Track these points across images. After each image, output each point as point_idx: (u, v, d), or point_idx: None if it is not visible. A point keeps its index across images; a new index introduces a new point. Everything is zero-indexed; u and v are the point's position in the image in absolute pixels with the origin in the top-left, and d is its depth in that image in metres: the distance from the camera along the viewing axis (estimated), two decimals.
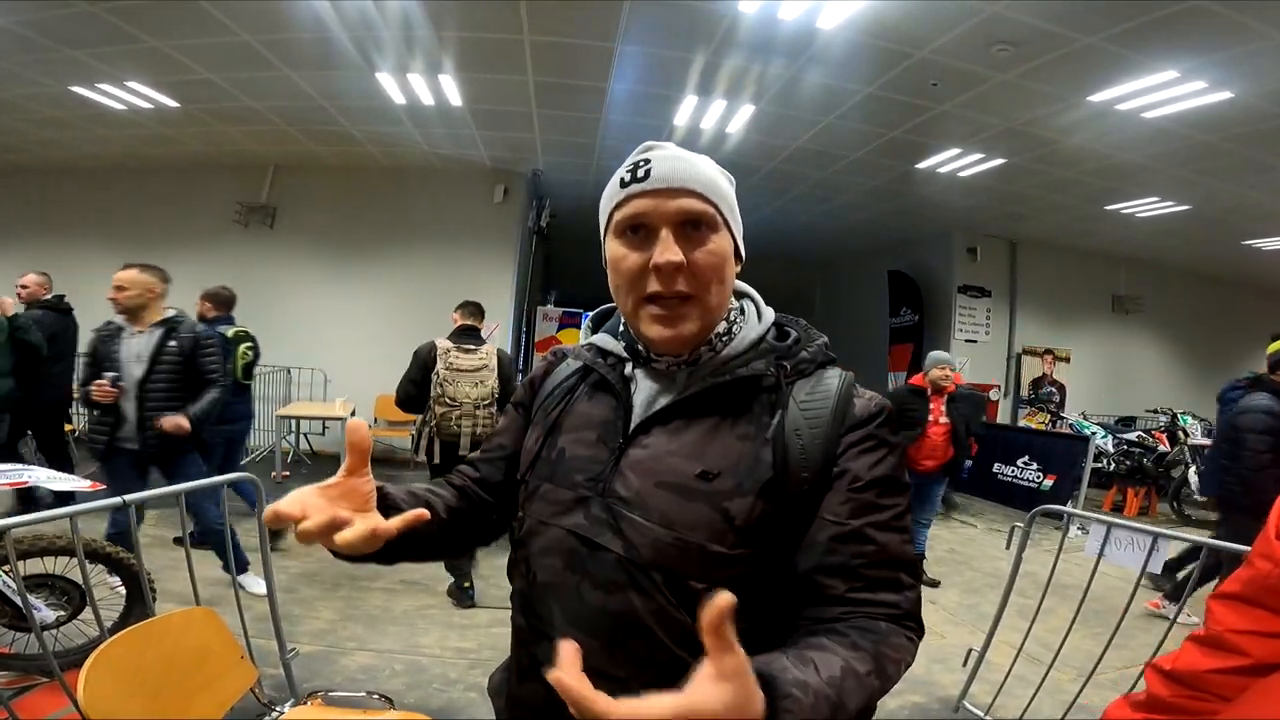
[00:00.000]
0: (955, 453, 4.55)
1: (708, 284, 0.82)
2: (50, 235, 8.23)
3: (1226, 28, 3.79)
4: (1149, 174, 6.34)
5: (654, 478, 0.81)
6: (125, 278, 3.32)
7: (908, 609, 0.78)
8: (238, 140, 7.14)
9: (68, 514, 1.82)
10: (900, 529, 0.80)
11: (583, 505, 0.84)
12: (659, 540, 0.79)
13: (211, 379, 3.43)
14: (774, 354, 0.87)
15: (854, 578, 0.77)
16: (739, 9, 4.06)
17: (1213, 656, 0.62)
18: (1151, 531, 2.56)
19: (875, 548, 0.78)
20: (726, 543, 0.77)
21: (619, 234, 0.85)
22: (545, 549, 0.87)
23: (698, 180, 0.82)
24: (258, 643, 2.54)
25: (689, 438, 0.83)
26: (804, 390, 0.84)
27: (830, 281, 13.13)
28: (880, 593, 0.77)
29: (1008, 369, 9.58)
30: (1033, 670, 2.87)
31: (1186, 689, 0.62)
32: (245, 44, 4.82)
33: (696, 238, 0.82)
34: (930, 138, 5.98)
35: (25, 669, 2.57)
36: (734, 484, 0.79)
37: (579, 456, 0.88)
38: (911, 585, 0.79)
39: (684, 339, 0.83)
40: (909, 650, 0.76)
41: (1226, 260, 9.56)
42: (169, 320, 3.39)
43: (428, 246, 8.02)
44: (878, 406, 0.84)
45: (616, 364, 0.93)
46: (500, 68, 5.14)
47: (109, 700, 1.42)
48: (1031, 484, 6.81)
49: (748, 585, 0.74)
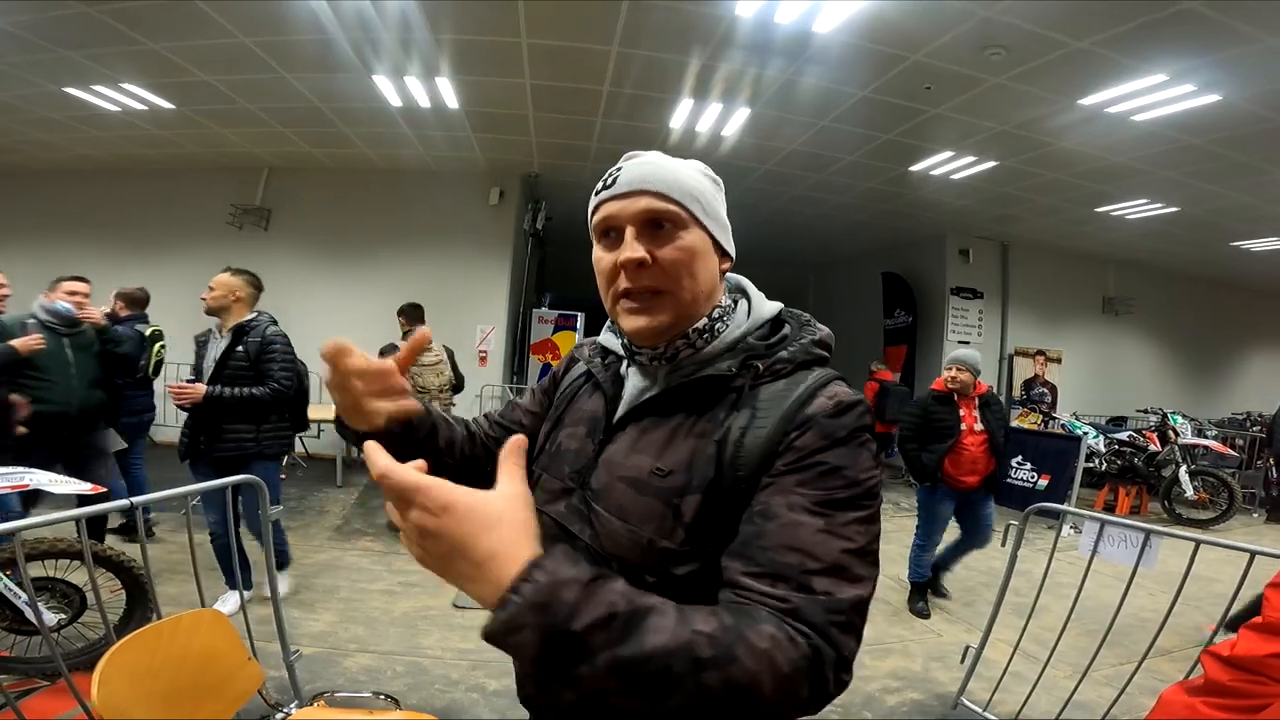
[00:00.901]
0: (995, 463, 4.09)
1: (677, 278, 0.85)
2: (44, 236, 8.19)
3: (1215, 31, 3.85)
4: (1139, 176, 6.42)
5: (619, 472, 0.86)
6: (215, 279, 3.44)
7: (800, 609, 0.66)
8: (233, 142, 7.13)
9: (75, 516, 1.83)
10: (823, 517, 0.71)
11: (566, 495, 0.91)
12: (615, 532, 0.83)
13: (270, 378, 3.41)
14: (748, 354, 0.87)
15: (748, 560, 0.71)
16: (735, 12, 4.09)
17: (1272, 641, 0.64)
18: (1144, 529, 2.59)
19: (778, 526, 0.71)
20: (675, 539, 0.79)
21: (598, 238, 0.90)
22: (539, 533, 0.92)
23: (660, 181, 0.85)
24: (260, 645, 2.55)
25: (655, 435, 0.86)
26: (771, 391, 0.83)
27: (824, 283, 13.19)
28: (778, 585, 0.68)
29: (1000, 370, 9.66)
30: (1029, 667, 2.91)
31: (1246, 674, 0.64)
32: (242, 46, 4.82)
33: (662, 235, 0.85)
34: (924, 140, 6.03)
35: (27, 672, 2.57)
36: (684, 481, 0.80)
37: (569, 450, 0.94)
38: (826, 591, 0.67)
39: (655, 330, 0.86)
40: (788, 654, 0.62)
41: (1215, 261, 9.68)
42: (243, 324, 3.43)
43: (423, 249, 8.02)
44: (835, 404, 0.79)
45: (613, 362, 0.99)
46: (497, 70, 5.16)
47: (122, 701, 1.42)
48: (1026, 484, 6.86)
49: (701, 583, 0.76)
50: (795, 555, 0.69)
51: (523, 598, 0.54)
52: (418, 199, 8.04)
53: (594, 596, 0.56)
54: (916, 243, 9.74)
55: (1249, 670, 0.63)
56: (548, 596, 0.55)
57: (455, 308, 7.78)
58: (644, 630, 0.57)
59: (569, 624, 0.55)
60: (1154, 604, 2.73)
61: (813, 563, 0.69)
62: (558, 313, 8.64)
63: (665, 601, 0.61)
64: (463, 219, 8.03)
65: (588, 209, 0.93)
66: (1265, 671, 0.62)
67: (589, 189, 0.92)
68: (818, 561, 0.69)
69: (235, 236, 7.96)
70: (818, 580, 0.68)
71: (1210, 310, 11.35)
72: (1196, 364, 11.41)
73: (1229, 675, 0.64)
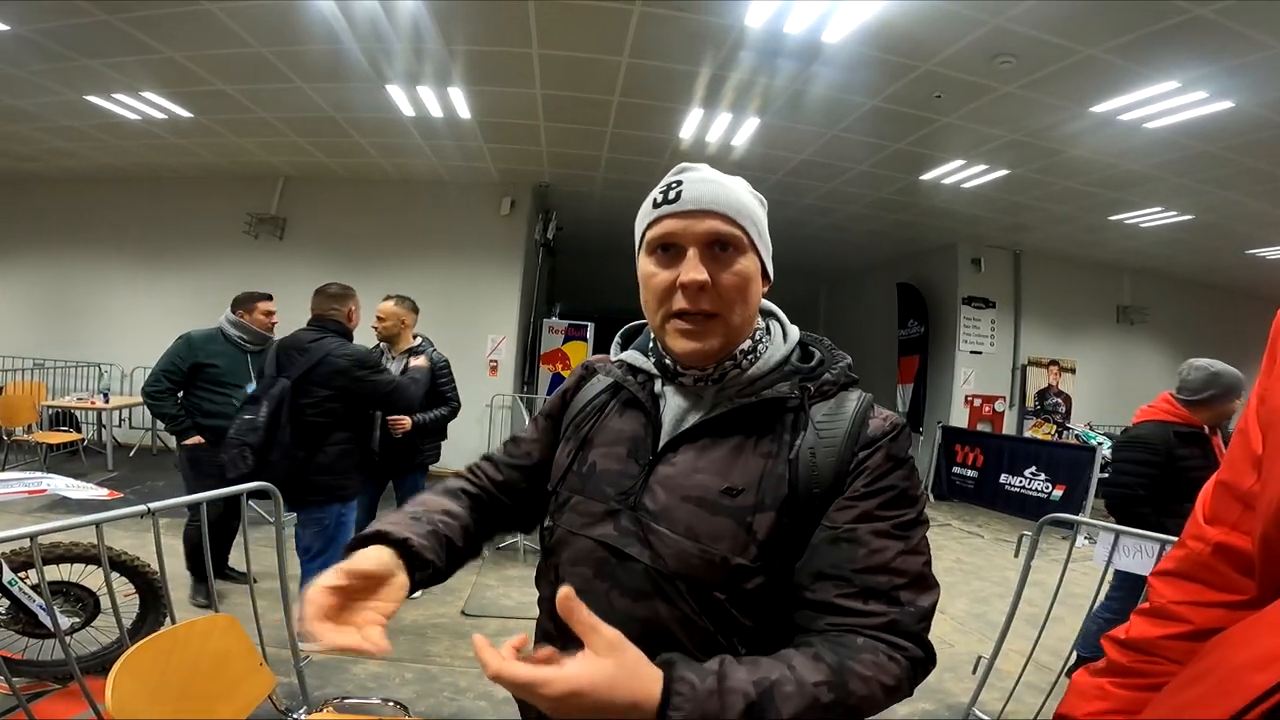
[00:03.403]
0: None
1: (731, 303, 0.86)
2: (62, 243, 8.36)
3: (1227, 38, 3.83)
4: (1152, 184, 6.37)
5: (681, 492, 0.85)
6: (383, 309, 3.73)
7: (899, 622, 0.75)
8: (249, 151, 7.22)
9: (94, 521, 1.85)
10: (903, 539, 0.79)
11: (612, 517, 0.88)
12: (685, 551, 0.82)
13: (448, 399, 3.89)
14: (798, 375, 0.90)
15: (843, 583, 0.77)
16: (745, 22, 4.11)
17: (1159, 626, 0.68)
18: (1160, 539, 2.56)
19: (867, 551, 0.77)
20: (748, 555, 0.81)
21: (650, 252, 0.89)
22: (575, 558, 0.91)
23: (727, 203, 0.86)
24: (270, 651, 2.56)
25: (716, 455, 0.86)
26: (823, 411, 0.87)
27: (834, 293, 13.16)
28: (871, 602, 0.75)
29: (1013, 380, 9.56)
30: (1043, 677, 2.88)
31: (1141, 654, 0.69)
32: (259, 55, 4.89)
33: (723, 258, 0.86)
34: (934, 149, 6.02)
35: (39, 675, 2.59)
36: (756, 500, 0.82)
37: (610, 471, 0.92)
38: (911, 602, 0.76)
39: (707, 353, 0.87)
40: (889, 671, 0.72)
41: (1230, 269, 9.57)
42: (413, 349, 3.76)
43: (435, 258, 8.07)
44: (891, 424, 0.86)
45: (646, 381, 0.97)
46: (509, 81, 5.20)
47: (136, 706, 1.43)
48: (1040, 494, 6.80)
49: (767, 596, 0.79)
50: (885, 575, 0.77)
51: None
52: (430, 208, 8.10)
53: (729, 694, 0.63)
54: (927, 252, 9.69)
55: (1144, 651, 0.68)
56: (698, 713, 0.62)
57: (466, 317, 7.82)
58: (776, 704, 0.65)
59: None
60: None
61: (900, 579, 0.77)
62: (568, 323, 8.65)
63: (774, 664, 0.69)
64: (474, 228, 8.08)
65: (636, 219, 0.92)
66: (1159, 653, 0.67)
67: (599, 199, 0.92)
68: (904, 577, 0.77)
69: (251, 245, 8.05)
70: (904, 594, 0.77)
71: (1226, 319, 11.19)
72: None
73: (1126, 657, 0.69)
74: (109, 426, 7.04)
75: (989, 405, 9.29)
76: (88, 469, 6.39)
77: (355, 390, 3.07)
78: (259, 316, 3.87)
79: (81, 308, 8.31)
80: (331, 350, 3.03)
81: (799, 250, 10.37)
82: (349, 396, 3.08)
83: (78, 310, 8.31)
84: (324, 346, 3.03)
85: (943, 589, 2.45)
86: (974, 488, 7.83)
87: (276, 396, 2.94)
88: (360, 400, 3.16)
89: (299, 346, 3.07)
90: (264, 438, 2.90)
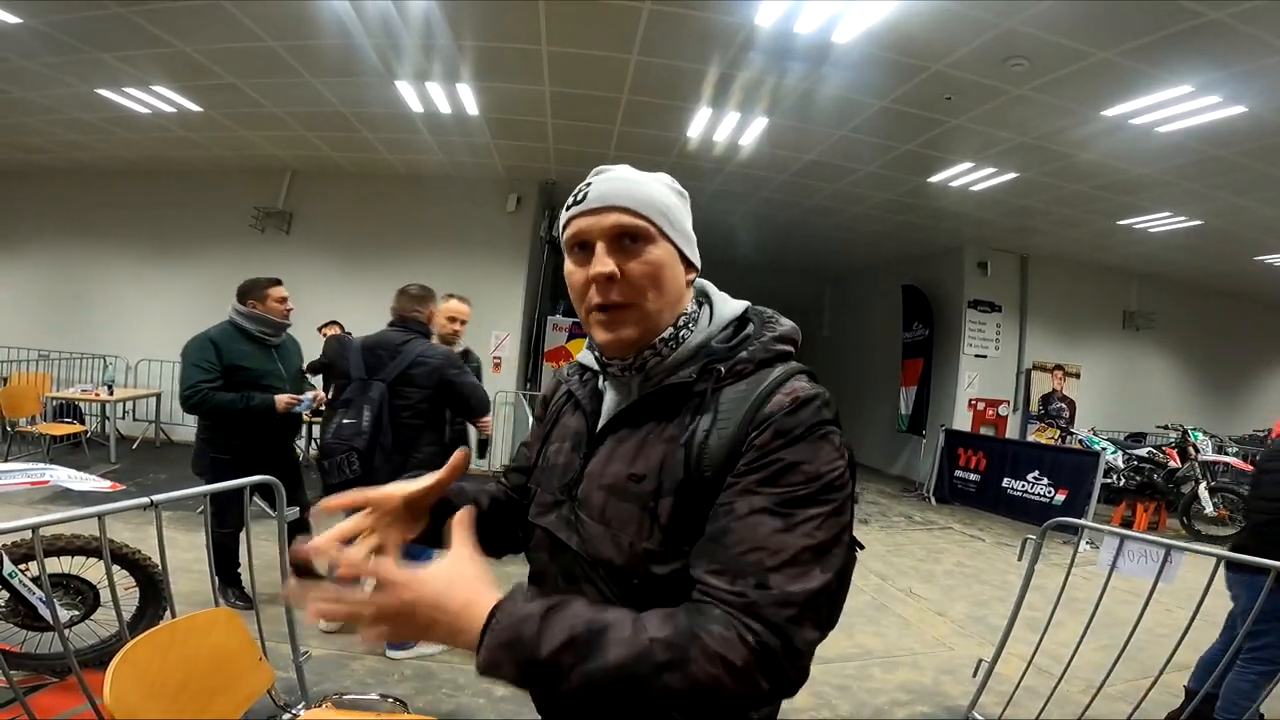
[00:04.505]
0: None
1: (643, 291, 0.88)
2: (70, 235, 8.40)
3: (1241, 43, 3.80)
4: (1162, 189, 6.33)
5: (599, 481, 0.90)
6: (459, 310, 3.68)
7: (755, 604, 0.69)
8: (257, 145, 7.23)
9: (96, 513, 1.85)
10: (782, 516, 0.74)
11: (557, 507, 0.96)
12: (599, 537, 0.87)
13: None
14: (709, 358, 0.90)
15: (711, 560, 0.74)
16: (755, 22, 4.09)
17: None
18: (1165, 544, 2.55)
19: (740, 528, 0.74)
20: (654, 540, 0.83)
21: (569, 252, 0.93)
22: (536, 544, 1.00)
23: (629, 197, 0.88)
24: (269, 645, 2.56)
25: (629, 444, 0.90)
26: (736, 391, 0.85)
27: (840, 294, 13.11)
28: (737, 581, 0.71)
29: (1017, 384, 9.53)
30: (1043, 681, 2.86)
31: None
32: (270, 50, 4.89)
33: (632, 249, 0.88)
34: (943, 151, 5.99)
35: (36, 668, 2.58)
36: (657, 485, 0.84)
37: (558, 465, 0.99)
38: (779, 586, 0.70)
39: (625, 342, 0.89)
40: (737, 648, 0.66)
41: (1238, 276, 9.51)
42: (466, 348, 3.83)
43: (441, 254, 8.06)
44: (793, 400, 0.80)
45: (591, 378, 1.03)
46: (517, 77, 5.20)
47: (133, 699, 1.43)
48: (1043, 498, 6.78)
49: (683, 581, 0.79)
50: (755, 553, 0.72)
51: (494, 638, 0.65)
52: (436, 204, 8.10)
53: (553, 625, 0.65)
54: (934, 255, 9.65)
55: None
56: (513, 634, 0.65)
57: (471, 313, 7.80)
58: (604, 645, 0.65)
59: (536, 654, 0.64)
60: (1171, 619, 2.68)
61: (771, 559, 0.72)
62: (571, 320, 8.64)
63: (623, 613, 0.69)
64: (480, 225, 8.08)
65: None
66: None
67: None
68: (776, 558, 0.72)
69: (257, 239, 8.07)
70: (774, 577, 0.71)
71: (1233, 325, 11.15)
72: (1218, 380, 11.20)
73: None
74: (112, 419, 7.06)
75: (993, 409, 9.25)
76: (90, 461, 6.41)
77: (448, 390, 3.05)
78: (273, 304, 3.49)
79: (87, 300, 8.35)
80: (422, 351, 3.03)
81: (803, 250, 10.34)
82: (442, 397, 3.05)
83: (84, 302, 8.35)
84: (415, 347, 3.03)
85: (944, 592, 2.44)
86: (976, 491, 7.82)
87: (377, 400, 2.90)
88: (450, 400, 3.13)
89: (389, 348, 3.03)
90: (368, 442, 2.87)
